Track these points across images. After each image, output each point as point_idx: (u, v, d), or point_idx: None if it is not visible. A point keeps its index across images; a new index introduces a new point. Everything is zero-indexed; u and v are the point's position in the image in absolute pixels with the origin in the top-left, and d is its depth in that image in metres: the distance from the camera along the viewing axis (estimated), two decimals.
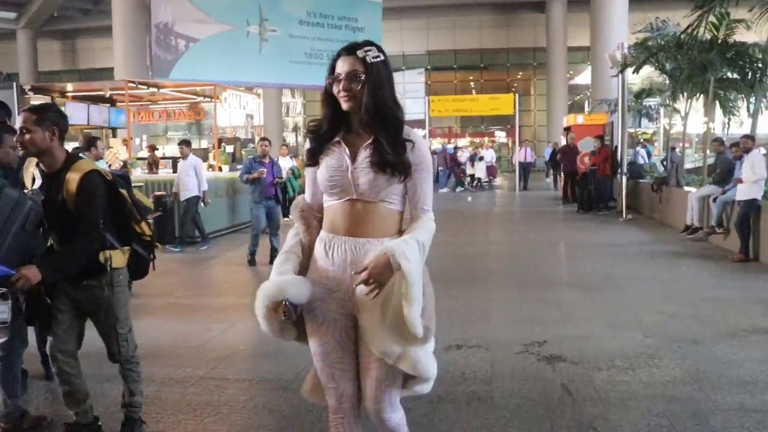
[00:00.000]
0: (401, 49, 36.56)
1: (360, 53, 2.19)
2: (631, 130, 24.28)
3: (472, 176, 23.86)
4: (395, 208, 2.27)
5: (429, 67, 38.75)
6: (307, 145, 2.35)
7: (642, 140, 26.12)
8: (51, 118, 3.08)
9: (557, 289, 6.98)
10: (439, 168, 22.43)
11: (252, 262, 8.79)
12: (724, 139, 10.93)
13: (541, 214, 15.22)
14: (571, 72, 35.66)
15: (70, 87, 14.50)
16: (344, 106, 2.21)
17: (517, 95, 22.52)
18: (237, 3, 19.06)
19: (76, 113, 13.39)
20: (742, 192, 8.60)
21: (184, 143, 10.61)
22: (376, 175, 2.18)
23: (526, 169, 22.71)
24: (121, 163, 11.44)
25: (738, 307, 6.07)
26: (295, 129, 44.07)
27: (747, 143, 8.70)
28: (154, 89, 14.48)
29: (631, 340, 5.01)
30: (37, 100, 12.75)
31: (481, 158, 24.24)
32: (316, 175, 2.30)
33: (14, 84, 12.79)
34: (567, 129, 19.12)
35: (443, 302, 6.31)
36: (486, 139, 38.34)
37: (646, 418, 3.58)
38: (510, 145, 24.47)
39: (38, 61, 37.13)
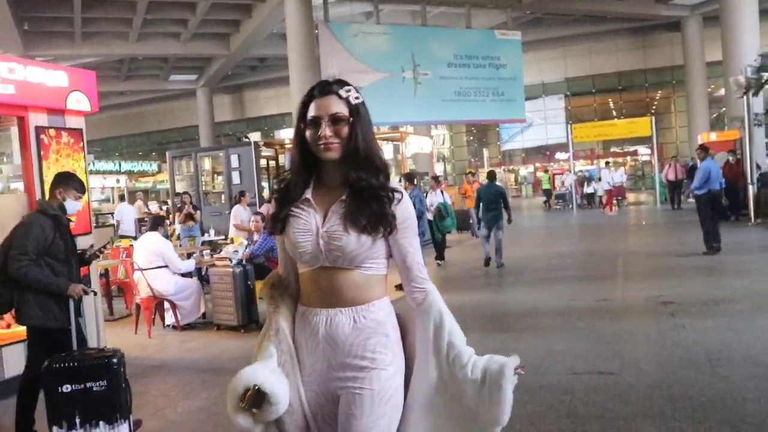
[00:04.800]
0: (540, 78, 39.00)
1: (342, 93, 1.96)
2: None
3: (590, 195, 25.75)
4: (375, 273, 1.99)
5: (568, 93, 40.89)
6: (271, 208, 2.10)
7: None
8: None
9: (681, 269, 9.67)
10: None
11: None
12: None
13: (678, 223, 17.34)
14: (713, 86, 35.87)
15: (287, 141, 18.35)
16: (326, 155, 1.94)
17: (653, 118, 24.36)
18: (393, 53, 22.52)
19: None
20: None
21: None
22: (349, 237, 1.91)
23: (676, 186, 21.88)
24: None
25: None
26: (442, 159, 47.51)
27: None
28: None
29: (723, 295, 7.67)
30: (266, 151, 16.89)
31: (599, 179, 25.59)
32: (285, 243, 2.05)
33: (252, 142, 16.90)
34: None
35: (602, 279, 9.31)
36: (629, 158, 39.76)
37: (715, 328, 6.29)
38: (653, 163, 26.19)
39: (214, 113, 42.34)
